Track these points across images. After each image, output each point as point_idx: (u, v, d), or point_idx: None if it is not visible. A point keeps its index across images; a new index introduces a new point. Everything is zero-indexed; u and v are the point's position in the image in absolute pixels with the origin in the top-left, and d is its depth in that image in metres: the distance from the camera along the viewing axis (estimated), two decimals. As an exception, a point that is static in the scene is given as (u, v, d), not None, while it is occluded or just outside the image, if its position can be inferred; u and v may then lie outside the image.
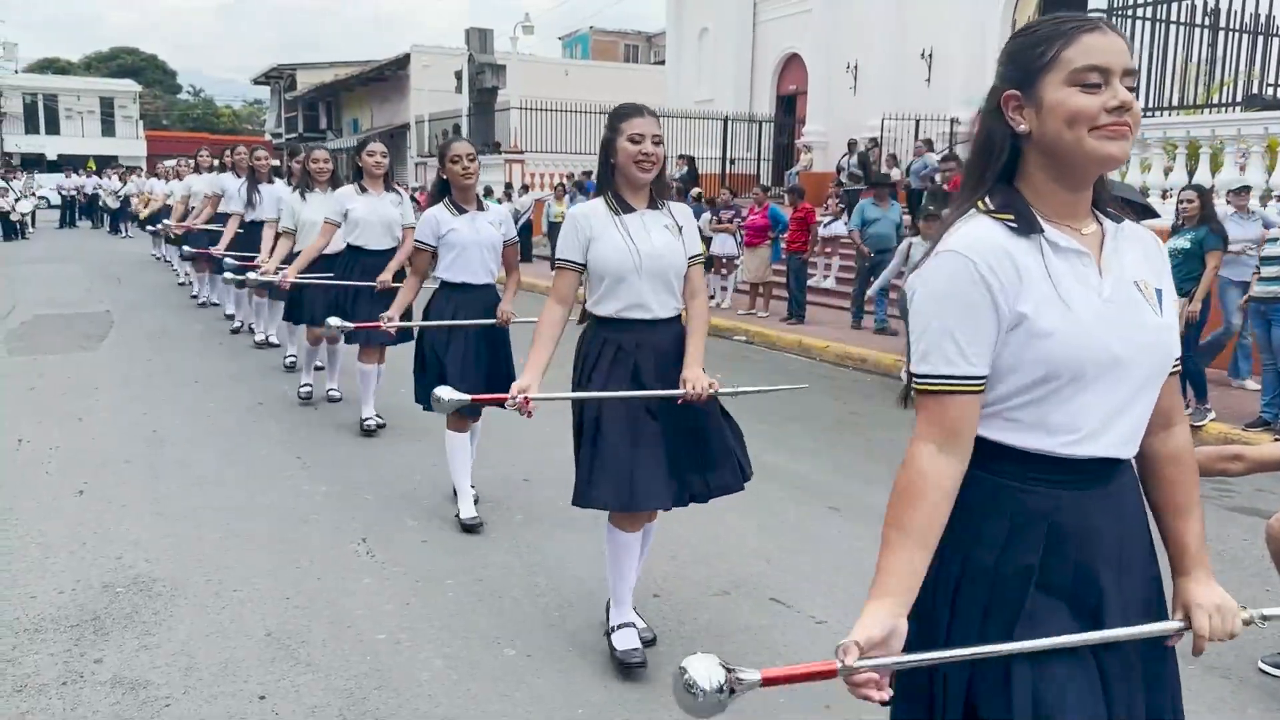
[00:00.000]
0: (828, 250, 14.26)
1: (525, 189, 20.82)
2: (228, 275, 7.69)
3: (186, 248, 11.32)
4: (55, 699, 3.09)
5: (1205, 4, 10.58)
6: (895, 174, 16.30)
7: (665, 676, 3.31)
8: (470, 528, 4.64)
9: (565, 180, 19.48)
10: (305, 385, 7.34)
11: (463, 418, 4.71)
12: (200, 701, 3.09)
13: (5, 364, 8.51)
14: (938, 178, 13.06)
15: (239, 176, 9.62)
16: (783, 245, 12.47)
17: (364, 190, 6.14)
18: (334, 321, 5.25)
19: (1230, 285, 7.99)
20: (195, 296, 12.85)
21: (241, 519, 4.75)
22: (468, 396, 3.40)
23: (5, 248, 22.25)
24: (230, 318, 10.91)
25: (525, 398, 3.06)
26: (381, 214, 6.15)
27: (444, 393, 3.32)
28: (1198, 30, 10.66)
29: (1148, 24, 10.61)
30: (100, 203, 29.35)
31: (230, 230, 9.06)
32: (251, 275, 6.86)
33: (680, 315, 3.33)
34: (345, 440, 6.24)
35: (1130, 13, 10.66)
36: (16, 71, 52.03)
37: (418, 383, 4.85)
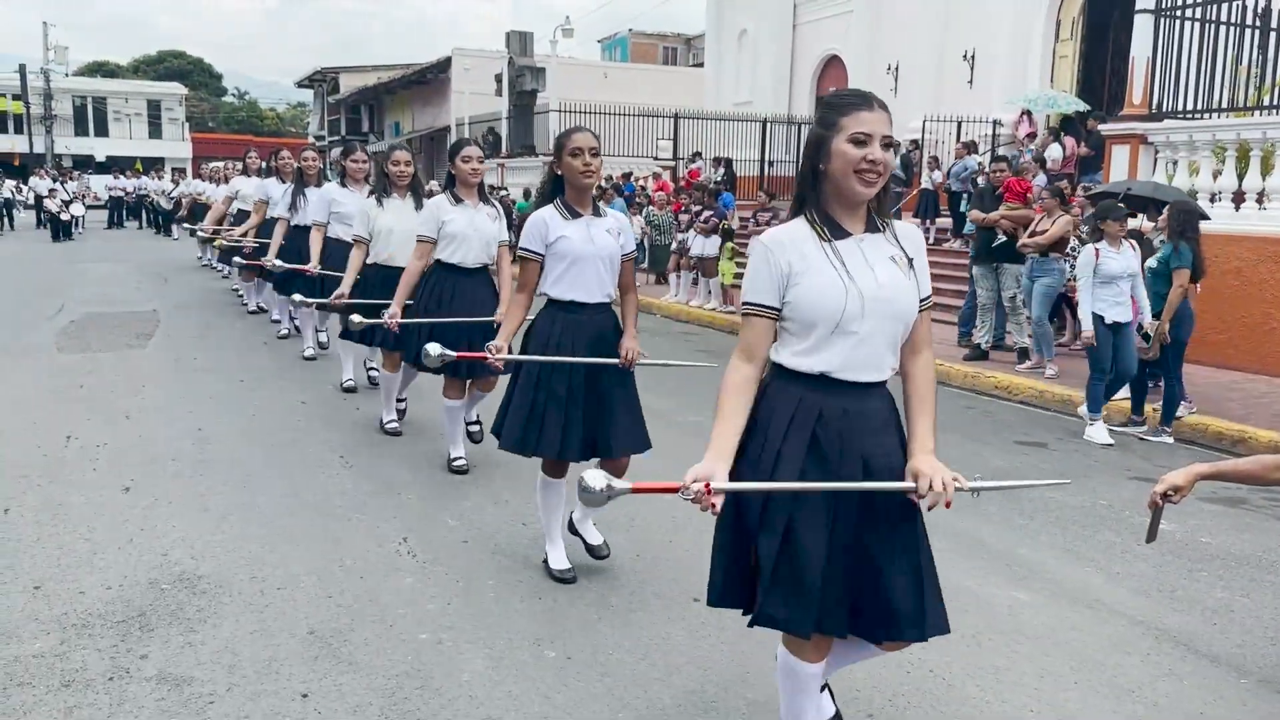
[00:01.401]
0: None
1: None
2: (297, 298, 7.37)
3: (238, 258, 11.30)
4: (102, 694, 3.13)
5: (1256, 4, 10.38)
6: (937, 176, 16.17)
7: (707, 686, 3.30)
8: (562, 579, 4.12)
9: (603, 182, 19.51)
10: (391, 421, 6.45)
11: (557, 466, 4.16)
12: (243, 699, 3.12)
13: (55, 362, 8.66)
14: (981, 180, 12.93)
15: (283, 181, 9.54)
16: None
17: (459, 200, 5.38)
18: (434, 350, 4.39)
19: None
20: (245, 303, 12.65)
21: (285, 517, 4.80)
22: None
23: (55, 248, 22.64)
24: (276, 322, 10.73)
25: (708, 486, 2.23)
26: (480, 228, 5.40)
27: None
28: (1248, 31, 10.46)
29: (1197, 25, 10.43)
30: (150, 203, 29.78)
31: (277, 237, 8.77)
32: (355, 318, 5.78)
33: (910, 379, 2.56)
34: (387, 440, 6.27)
35: (1179, 13, 10.49)
36: (67, 75, 52.96)
37: (502, 419, 4.10)
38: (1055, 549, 4.72)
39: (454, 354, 4.42)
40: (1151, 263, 7.10)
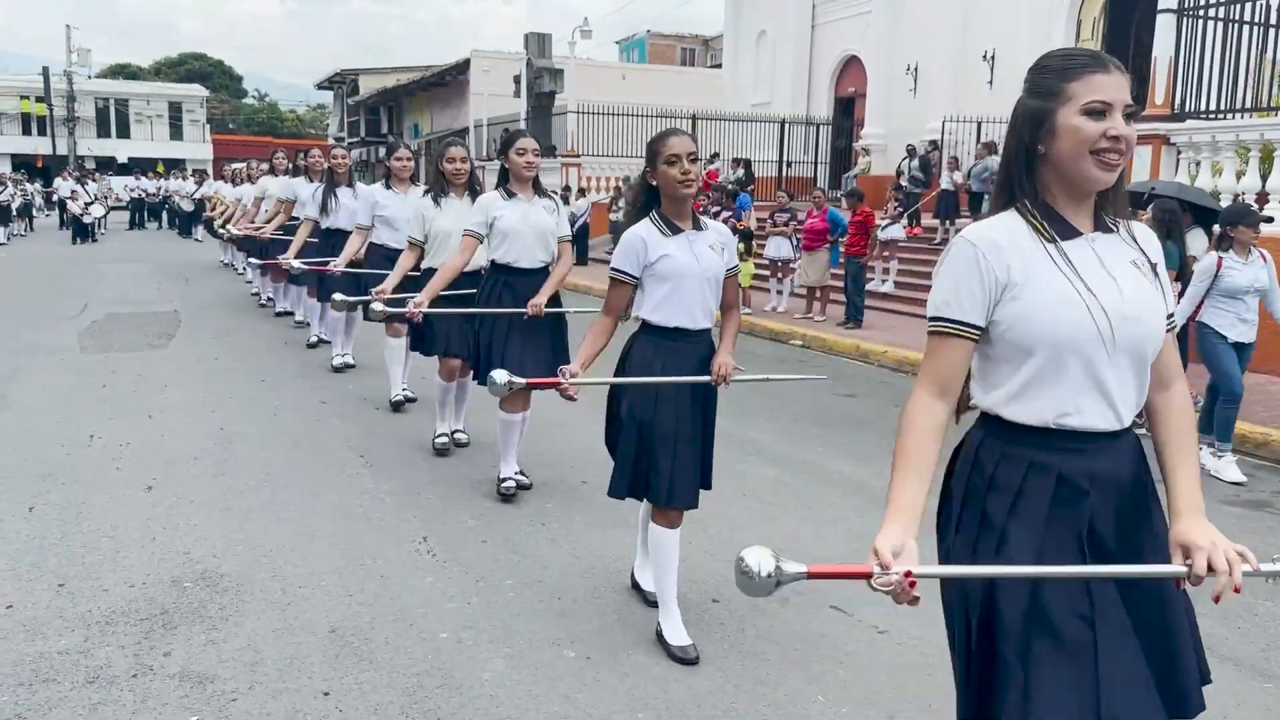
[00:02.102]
0: (886, 254, 14.13)
1: (582, 192, 20.92)
2: (336, 298, 6.36)
3: (253, 260, 11.19)
4: (126, 691, 3.15)
5: (1279, 3, 10.30)
6: (957, 177, 16.10)
7: (725, 687, 3.30)
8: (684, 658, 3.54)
9: (621, 184, 19.52)
10: (440, 436, 6.01)
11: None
12: (265, 697, 3.14)
13: (78, 361, 8.73)
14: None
15: (312, 181, 9.11)
16: (841, 249, 12.37)
17: (511, 195, 5.03)
18: (500, 377, 3.76)
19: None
20: (264, 304, 12.67)
21: (306, 516, 4.82)
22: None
23: (76, 249, 22.81)
24: (303, 324, 10.49)
25: (909, 577, 1.74)
26: (535, 223, 5.02)
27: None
28: (1271, 30, 10.38)
29: (1220, 24, 10.36)
30: (172, 205, 29.90)
31: (300, 238, 8.45)
32: (377, 307, 5.45)
33: None
34: (408, 440, 6.30)
35: (1202, 13, 10.42)
36: (89, 77, 53.44)
37: (612, 437, 3.73)
38: (1076, 551, 4.68)
39: (523, 381, 3.83)
40: None
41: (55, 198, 29.63)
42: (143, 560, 4.22)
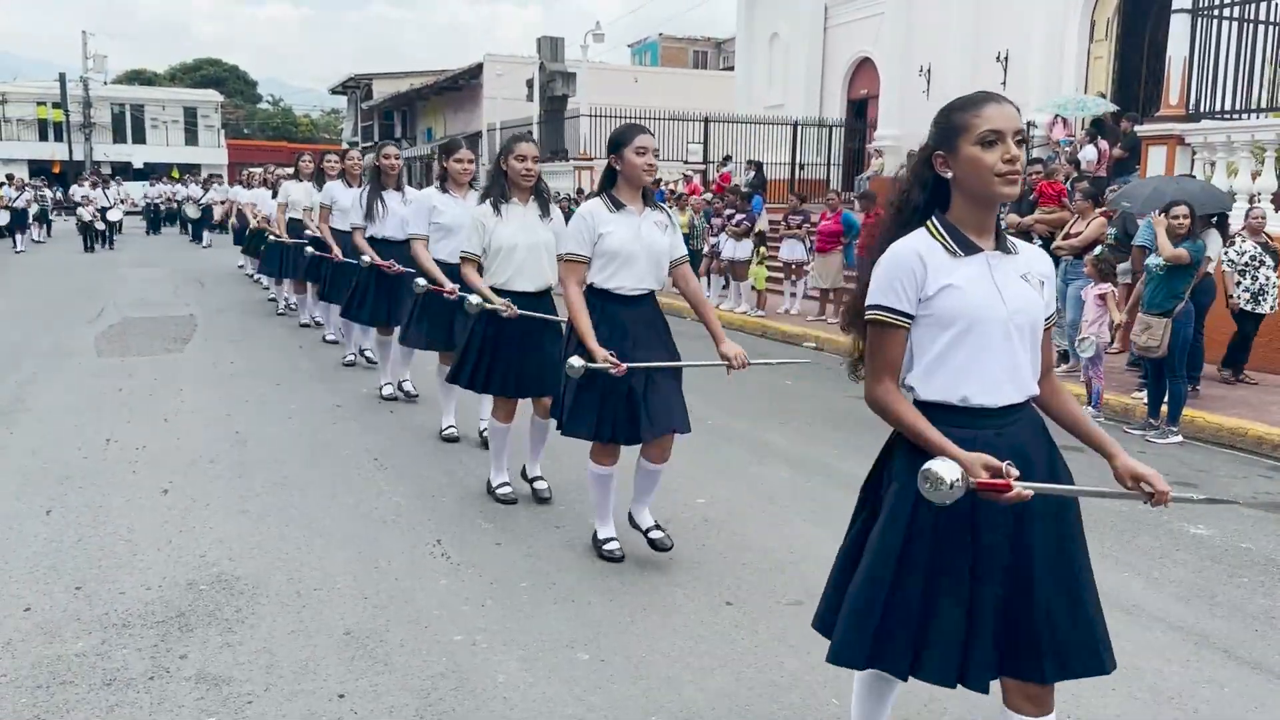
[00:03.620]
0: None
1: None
2: (419, 282, 5.89)
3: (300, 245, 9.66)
4: (143, 693, 3.17)
5: (1295, 3, 10.24)
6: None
7: (740, 689, 3.30)
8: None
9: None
10: (504, 486, 5.20)
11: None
12: (281, 699, 3.15)
13: (95, 365, 8.79)
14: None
15: (350, 185, 8.27)
16: (855, 251, 12.35)
17: (619, 206, 4.12)
18: (577, 362, 3.94)
19: None
20: (281, 312, 12.36)
21: (322, 519, 4.84)
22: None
23: (92, 255, 22.88)
24: (334, 342, 9.84)
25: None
26: (649, 243, 4.13)
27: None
28: (1288, 29, 10.32)
29: (1235, 24, 10.30)
30: (181, 211, 29.88)
31: (365, 250, 7.26)
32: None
33: None
34: (422, 443, 6.32)
35: (1217, 13, 10.36)
36: (105, 83, 53.79)
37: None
38: (1093, 554, 4.61)
39: (614, 365, 3.93)
40: (1157, 259, 7.01)
41: (74, 200, 29.59)
42: (159, 563, 4.24)
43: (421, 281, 5.90)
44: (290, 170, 12.67)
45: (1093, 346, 7.46)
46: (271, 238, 11.63)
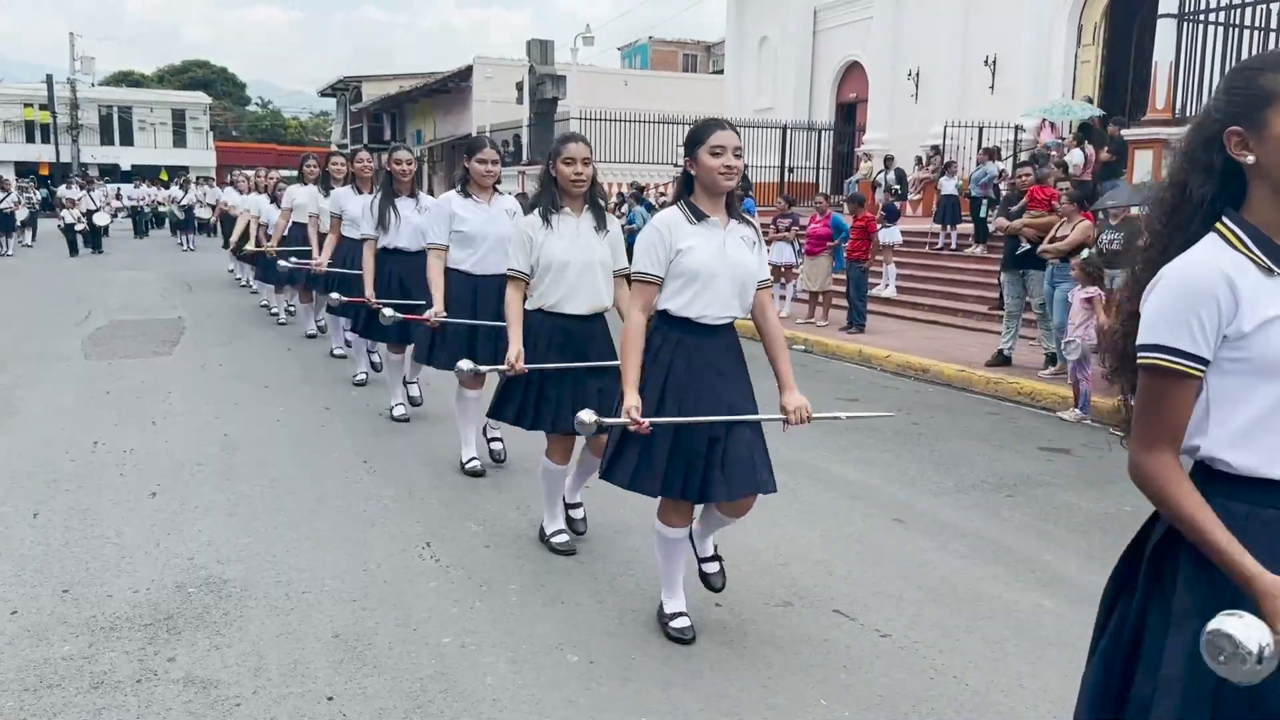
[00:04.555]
0: (880, 258, 14.12)
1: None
2: (386, 313, 5.76)
3: (283, 263, 9.12)
4: (130, 696, 3.16)
5: (1279, 8, 10.33)
6: (957, 182, 16.13)
7: (729, 691, 3.31)
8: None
9: (624, 189, 19.55)
10: (560, 534, 4.58)
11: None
12: (269, 702, 3.15)
13: (82, 368, 8.76)
14: (1004, 187, 12.90)
15: (359, 191, 7.58)
16: (844, 254, 12.39)
17: (700, 216, 3.45)
18: (589, 416, 3.41)
19: None
20: (279, 320, 11.86)
21: (310, 521, 4.84)
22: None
23: (80, 259, 22.73)
24: (341, 356, 9.23)
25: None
26: (735, 263, 3.48)
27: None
28: (1271, 35, 10.39)
29: (1220, 29, 10.37)
30: (166, 213, 29.51)
31: (370, 268, 6.64)
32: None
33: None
34: (411, 446, 6.31)
35: (1203, 18, 10.43)
36: (93, 85, 53.62)
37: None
38: (1080, 555, 4.69)
39: (636, 423, 3.31)
40: None
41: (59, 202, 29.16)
42: (147, 566, 4.23)
43: (389, 313, 5.63)
44: (280, 173, 12.33)
45: (1078, 349, 7.49)
46: (269, 254, 10.66)
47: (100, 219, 24.38)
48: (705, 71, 44.84)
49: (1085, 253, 8.56)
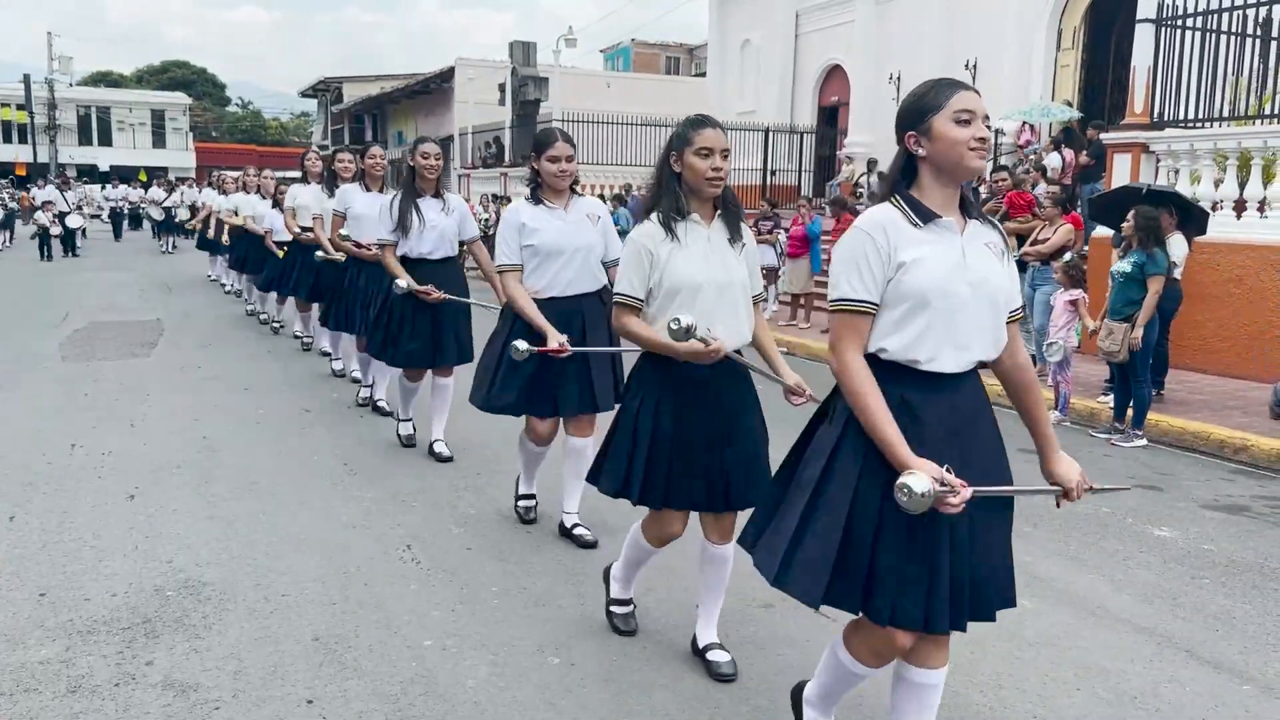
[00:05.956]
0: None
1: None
2: (400, 284, 5.61)
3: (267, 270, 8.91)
4: (108, 700, 3.14)
5: (1257, 14, 10.41)
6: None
7: (711, 692, 3.31)
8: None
9: (603, 192, 19.56)
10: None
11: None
12: (249, 705, 3.13)
13: (59, 370, 8.68)
14: (983, 190, 12.96)
15: (369, 190, 6.86)
16: (823, 257, 12.43)
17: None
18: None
19: None
20: (274, 327, 11.34)
21: (290, 524, 4.81)
22: None
23: (54, 263, 22.43)
24: (342, 374, 8.57)
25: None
26: (991, 282, 2.61)
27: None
28: (1249, 40, 10.49)
29: (1198, 34, 10.46)
30: (144, 214, 29.13)
31: (395, 269, 5.78)
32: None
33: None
34: (392, 448, 6.29)
35: (1180, 23, 10.51)
36: (71, 85, 53.20)
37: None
38: (1058, 556, 4.72)
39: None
40: (1124, 266, 7.11)
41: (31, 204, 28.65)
42: (125, 569, 4.20)
43: (523, 346, 4.21)
44: (276, 174, 11.86)
45: (1060, 351, 7.54)
46: (279, 253, 10.11)
47: (73, 221, 23.35)
48: (688, 74, 44.86)
49: (1067, 255, 8.62)
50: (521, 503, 5.00)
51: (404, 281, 5.65)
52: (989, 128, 2.41)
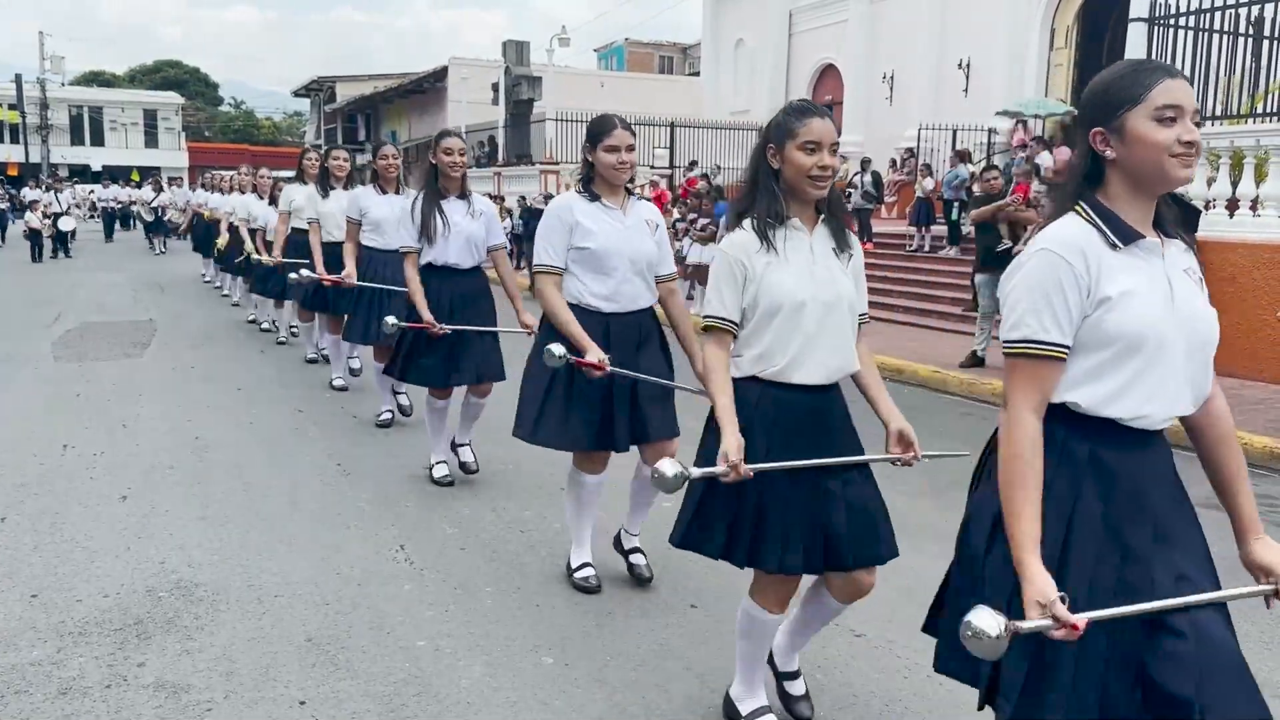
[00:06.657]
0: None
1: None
2: (390, 321, 5.11)
3: (294, 275, 7.57)
4: (99, 702, 3.12)
5: (1249, 13, 10.44)
6: (929, 184, 16.23)
7: (705, 694, 3.30)
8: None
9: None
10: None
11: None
12: (241, 706, 3.11)
13: (51, 371, 8.65)
14: (976, 188, 12.98)
15: (383, 192, 6.52)
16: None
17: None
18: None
19: None
20: (263, 328, 11.22)
21: (283, 525, 4.79)
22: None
23: (46, 264, 22.34)
24: (342, 388, 8.04)
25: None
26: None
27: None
28: (1241, 39, 10.51)
29: (1191, 33, 10.48)
30: (134, 214, 29.02)
31: (416, 289, 5.11)
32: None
33: None
34: (385, 448, 6.28)
35: (1173, 22, 10.53)
36: (63, 84, 53.04)
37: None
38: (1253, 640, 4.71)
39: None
40: None
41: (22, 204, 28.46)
42: (117, 570, 4.18)
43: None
44: (270, 172, 11.61)
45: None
46: (265, 260, 9.50)
47: (66, 223, 22.91)
48: (681, 73, 44.91)
49: None
50: (579, 573, 4.09)
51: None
52: (1194, 123, 1.86)
